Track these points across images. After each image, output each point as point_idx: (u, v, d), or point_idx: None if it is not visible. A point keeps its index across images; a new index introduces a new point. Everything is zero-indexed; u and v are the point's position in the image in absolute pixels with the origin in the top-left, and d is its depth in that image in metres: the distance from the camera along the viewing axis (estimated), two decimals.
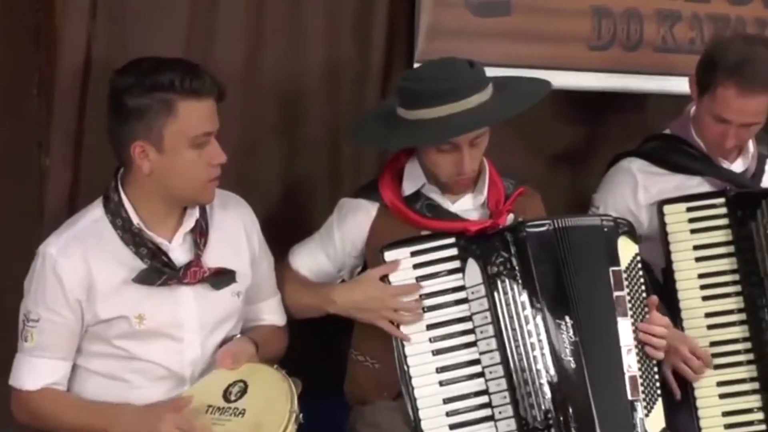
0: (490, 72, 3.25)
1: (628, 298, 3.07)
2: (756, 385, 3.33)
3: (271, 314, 3.22)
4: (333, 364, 3.36)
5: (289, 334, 3.26)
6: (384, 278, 3.08)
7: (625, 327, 3.05)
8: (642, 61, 4.03)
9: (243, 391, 2.87)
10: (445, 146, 3.10)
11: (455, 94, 3.05)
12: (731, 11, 4.18)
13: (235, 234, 3.06)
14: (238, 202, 3.12)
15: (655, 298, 3.14)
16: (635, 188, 3.52)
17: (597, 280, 3.06)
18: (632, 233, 3.16)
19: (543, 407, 2.95)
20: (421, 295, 3.06)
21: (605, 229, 3.10)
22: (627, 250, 3.12)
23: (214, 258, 2.97)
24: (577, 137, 4.11)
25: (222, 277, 2.97)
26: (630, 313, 3.07)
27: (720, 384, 3.33)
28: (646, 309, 3.12)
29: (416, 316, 3.05)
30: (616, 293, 3.06)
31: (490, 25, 3.72)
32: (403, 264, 3.08)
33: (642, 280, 3.14)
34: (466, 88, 3.07)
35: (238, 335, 3.06)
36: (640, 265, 3.14)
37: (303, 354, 3.23)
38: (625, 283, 3.08)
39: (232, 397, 2.86)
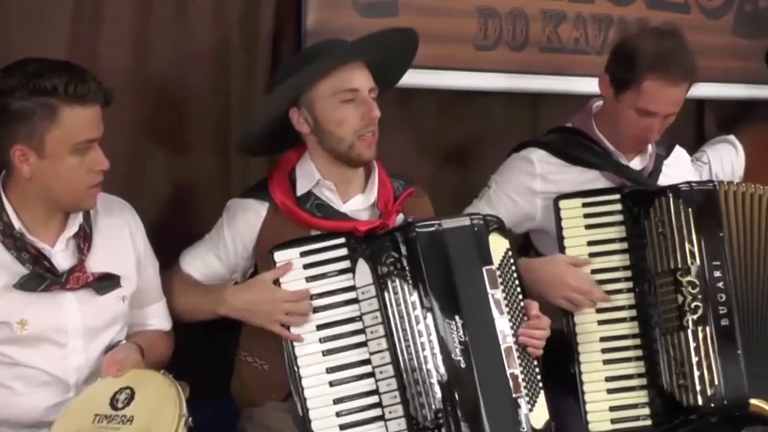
0: None
1: (503, 295, 3.08)
2: (644, 381, 3.35)
3: (157, 319, 3.18)
4: (221, 364, 3.33)
5: (175, 335, 3.22)
6: (276, 281, 3.07)
7: (503, 325, 3.06)
8: (528, 60, 4.08)
9: (130, 398, 2.83)
10: (347, 95, 3.12)
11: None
12: (614, 12, 4.26)
13: (120, 238, 3.02)
14: (123, 206, 3.08)
15: (530, 303, 3.15)
16: (533, 176, 3.54)
17: (475, 279, 3.07)
18: (502, 229, 3.17)
19: (433, 407, 2.95)
20: (312, 296, 3.04)
21: (476, 228, 3.11)
22: (498, 246, 3.13)
23: (98, 263, 2.93)
24: (465, 137, 4.13)
25: (106, 282, 2.93)
26: (507, 310, 3.08)
27: (608, 379, 3.35)
28: (522, 304, 3.14)
29: (307, 320, 3.03)
30: (491, 292, 3.06)
31: (377, 26, 3.69)
32: (293, 264, 3.06)
33: (516, 274, 3.15)
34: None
35: (123, 341, 3.02)
36: (512, 260, 3.16)
37: (190, 355, 3.21)
38: (500, 280, 3.09)
39: (120, 405, 2.82)
